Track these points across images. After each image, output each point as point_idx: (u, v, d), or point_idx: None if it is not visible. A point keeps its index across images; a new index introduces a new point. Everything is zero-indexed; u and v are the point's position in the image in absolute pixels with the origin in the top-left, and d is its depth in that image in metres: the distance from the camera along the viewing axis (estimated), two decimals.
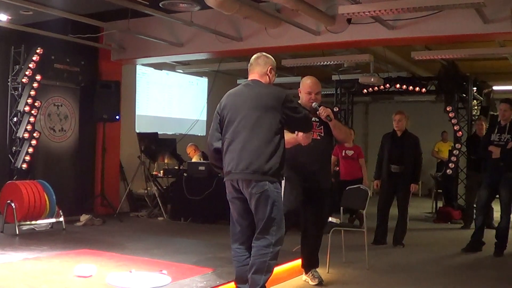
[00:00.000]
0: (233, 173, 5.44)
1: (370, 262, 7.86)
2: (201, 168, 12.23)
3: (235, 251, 5.65)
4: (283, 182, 5.79)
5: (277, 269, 5.88)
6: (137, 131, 14.40)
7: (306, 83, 6.87)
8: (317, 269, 6.98)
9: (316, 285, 6.80)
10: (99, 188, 12.87)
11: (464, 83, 13.90)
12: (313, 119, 6.60)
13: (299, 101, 6.84)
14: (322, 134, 6.78)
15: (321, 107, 6.69)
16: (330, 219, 7.53)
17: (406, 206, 9.87)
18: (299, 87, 6.98)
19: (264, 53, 5.78)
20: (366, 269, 7.72)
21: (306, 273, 6.98)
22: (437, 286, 7.11)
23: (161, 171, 13.56)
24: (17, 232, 9.36)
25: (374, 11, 8.46)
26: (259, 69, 5.65)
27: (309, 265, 6.98)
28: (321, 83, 7.02)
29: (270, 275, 5.43)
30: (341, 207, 8.37)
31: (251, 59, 5.76)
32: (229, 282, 6.01)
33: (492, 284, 7.27)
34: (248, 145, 5.38)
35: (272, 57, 5.75)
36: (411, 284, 7.19)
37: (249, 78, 5.72)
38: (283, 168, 5.48)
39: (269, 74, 5.63)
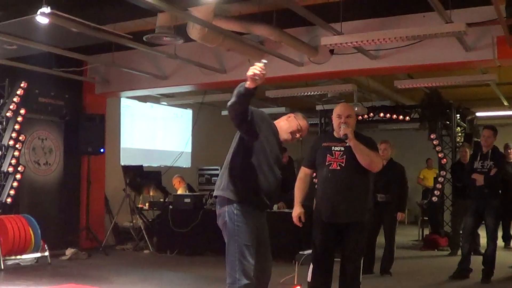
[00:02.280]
0: None
1: None
2: (187, 200, 12.21)
3: None
4: None
5: None
6: (122, 164, 14.36)
7: (336, 108, 6.49)
8: None
9: None
10: (84, 221, 12.79)
11: (448, 110, 13.98)
12: (338, 148, 6.31)
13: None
14: (343, 164, 6.24)
15: (344, 127, 6.22)
16: None
17: (393, 235, 9.86)
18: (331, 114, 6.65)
19: None
20: None
21: None
22: None
23: (147, 204, 13.52)
24: (2, 267, 9.29)
25: (357, 42, 8.51)
26: None
27: None
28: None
29: None
30: None
31: None
32: None
33: None
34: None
35: None
36: None
37: None
38: (245, 194, 5.23)
39: None
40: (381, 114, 14.56)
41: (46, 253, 10.15)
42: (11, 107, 10.99)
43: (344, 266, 6.48)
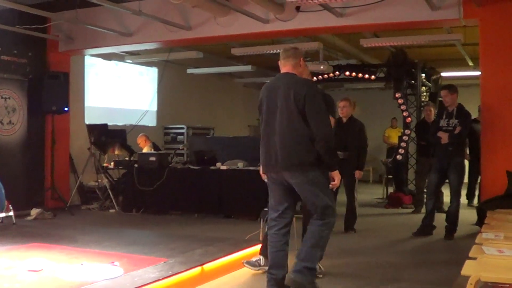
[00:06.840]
0: (273, 166, 5.66)
1: None
2: (152, 158, 12.19)
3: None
4: None
5: (230, 257, 5.87)
6: (87, 123, 14.23)
7: None
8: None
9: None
10: (49, 181, 12.71)
11: (413, 70, 14.05)
12: None
13: None
14: None
15: None
16: None
17: (353, 192, 9.87)
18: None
19: (290, 46, 5.94)
20: None
21: None
22: (389, 270, 7.18)
23: (112, 163, 13.45)
24: None
25: None
26: (291, 60, 5.74)
27: None
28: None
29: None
30: None
31: (280, 55, 5.83)
32: (181, 271, 6.00)
33: (443, 267, 7.36)
34: (287, 138, 5.52)
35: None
36: (363, 268, 7.25)
37: (282, 71, 5.79)
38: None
39: (301, 63, 5.76)
40: (347, 73, 14.57)
41: (11, 213, 10.05)
42: None
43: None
